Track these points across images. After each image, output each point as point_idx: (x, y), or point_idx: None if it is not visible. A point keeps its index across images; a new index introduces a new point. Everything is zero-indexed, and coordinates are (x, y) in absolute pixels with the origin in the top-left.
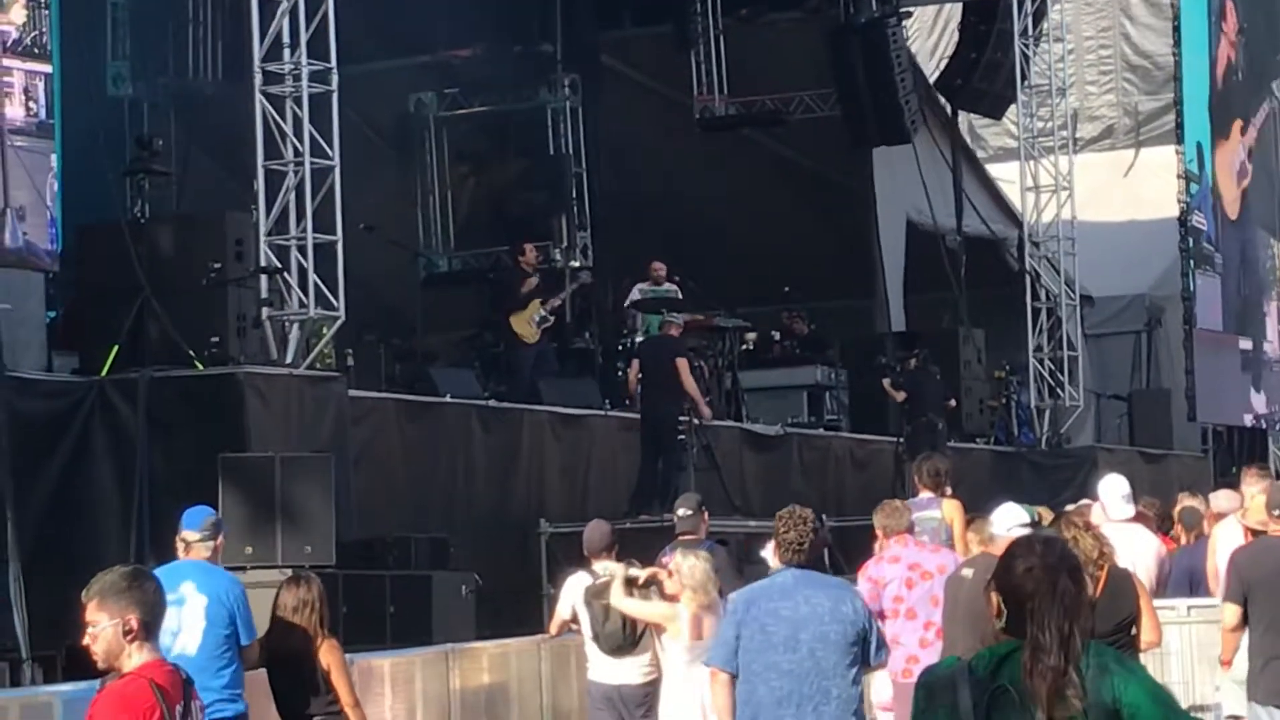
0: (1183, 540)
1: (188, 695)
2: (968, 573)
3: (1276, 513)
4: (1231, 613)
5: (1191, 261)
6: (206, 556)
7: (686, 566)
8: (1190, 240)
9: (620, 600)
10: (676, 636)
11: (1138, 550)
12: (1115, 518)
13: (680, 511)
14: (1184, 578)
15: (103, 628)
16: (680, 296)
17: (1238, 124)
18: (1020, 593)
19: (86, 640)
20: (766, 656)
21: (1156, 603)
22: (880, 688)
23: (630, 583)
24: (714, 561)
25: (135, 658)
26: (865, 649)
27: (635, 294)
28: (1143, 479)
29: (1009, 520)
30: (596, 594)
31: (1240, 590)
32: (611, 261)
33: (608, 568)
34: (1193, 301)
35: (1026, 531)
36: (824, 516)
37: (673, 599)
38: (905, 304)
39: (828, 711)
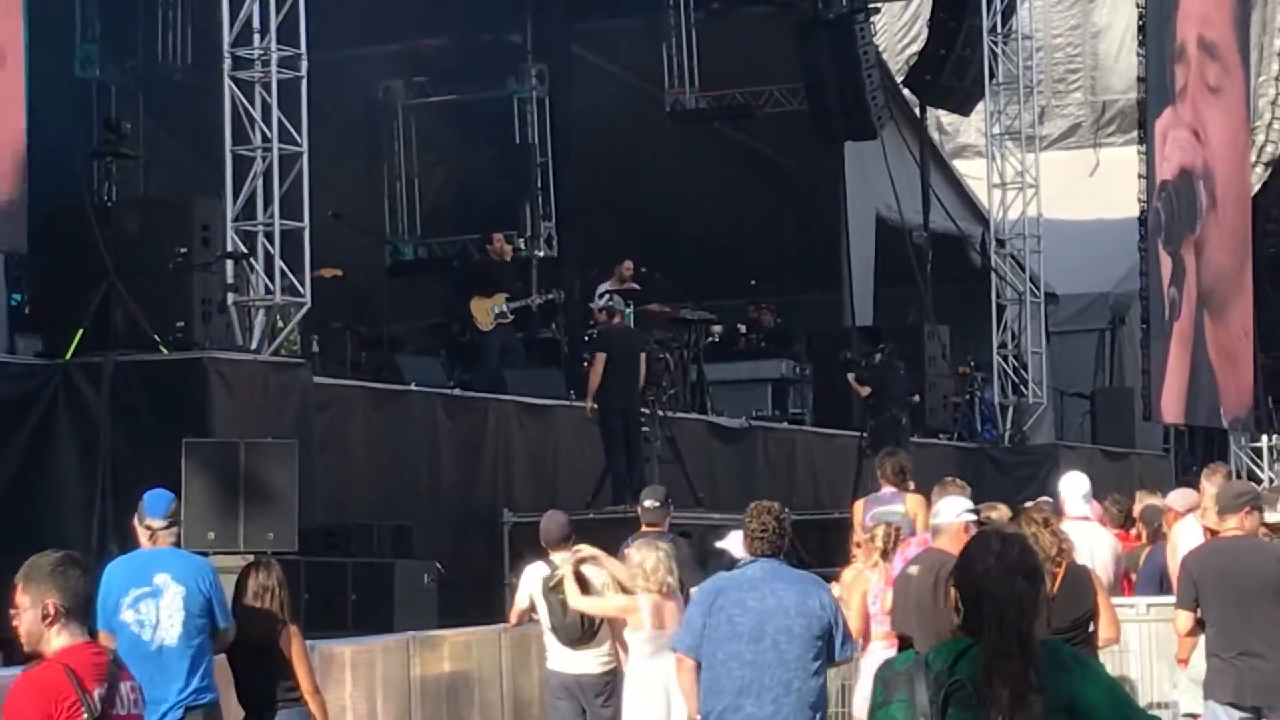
0: (1144, 539)
1: (114, 677)
2: (914, 570)
3: (1226, 514)
4: (1184, 618)
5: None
6: (172, 543)
7: (638, 559)
8: (1149, 239)
9: (577, 600)
10: (638, 628)
11: (1094, 548)
12: (1073, 515)
13: (646, 503)
14: (1155, 575)
15: (25, 611)
16: (631, 297)
17: None
18: (978, 592)
19: (15, 623)
20: (731, 646)
21: (1114, 600)
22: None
23: (580, 579)
24: (676, 553)
25: (55, 641)
26: (830, 645)
27: (598, 296)
28: (1105, 477)
29: (956, 508)
30: (554, 586)
31: (1191, 594)
32: (577, 252)
33: (565, 559)
34: (1148, 300)
35: (972, 518)
36: (786, 510)
37: (630, 591)
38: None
39: (787, 703)
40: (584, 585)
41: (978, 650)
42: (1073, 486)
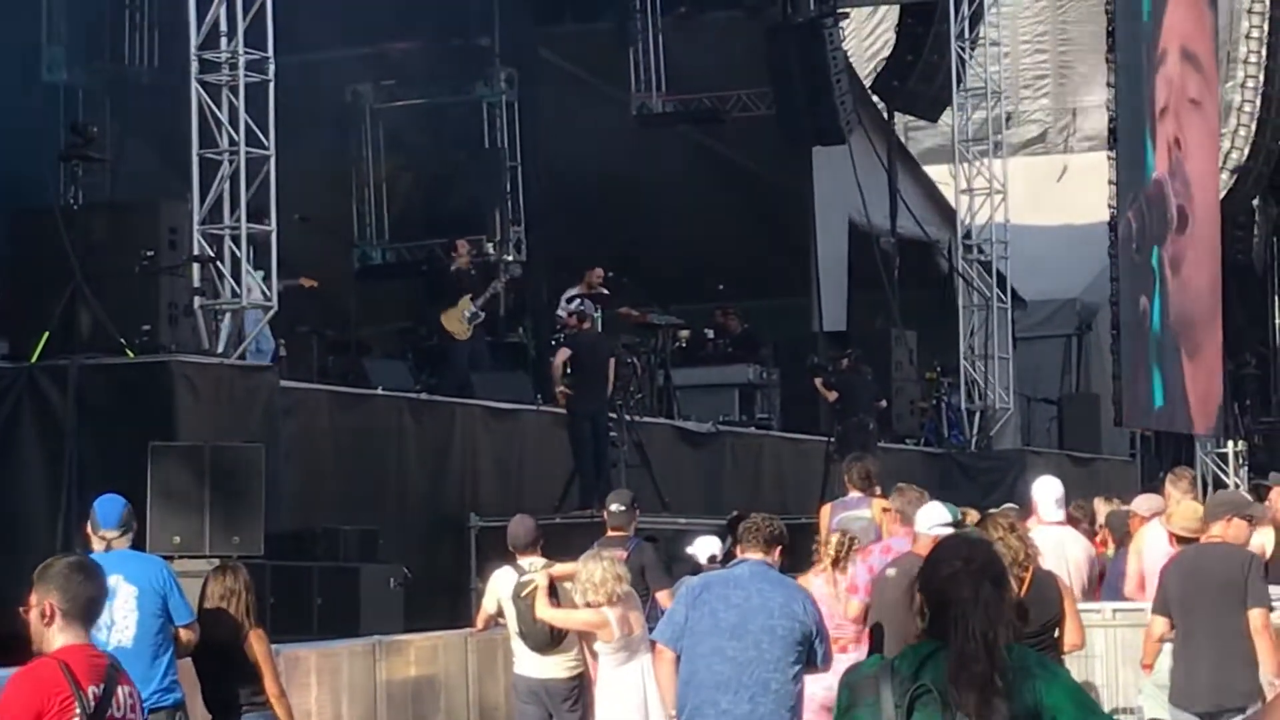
0: (1108, 544)
1: (111, 679)
2: (891, 572)
3: (1210, 521)
4: (1160, 624)
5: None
6: (126, 547)
7: (585, 574)
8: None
9: (547, 613)
10: (610, 639)
11: (1069, 552)
12: (1047, 520)
13: (613, 507)
14: (1116, 583)
15: (31, 610)
16: (599, 302)
17: None
18: (943, 596)
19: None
20: (712, 640)
21: (1081, 606)
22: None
23: (551, 589)
24: (643, 557)
25: (56, 641)
26: (811, 651)
27: (563, 302)
28: (1071, 482)
29: (932, 519)
30: (521, 592)
31: (1165, 601)
32: (546, 256)
33: (533, 563)
34: (1118, 306)
35: (949, 531)
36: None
37: (594, 605)
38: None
39: (764, 703)
40: (553, 595)
41: (943, 655)
42: (1046, 491)
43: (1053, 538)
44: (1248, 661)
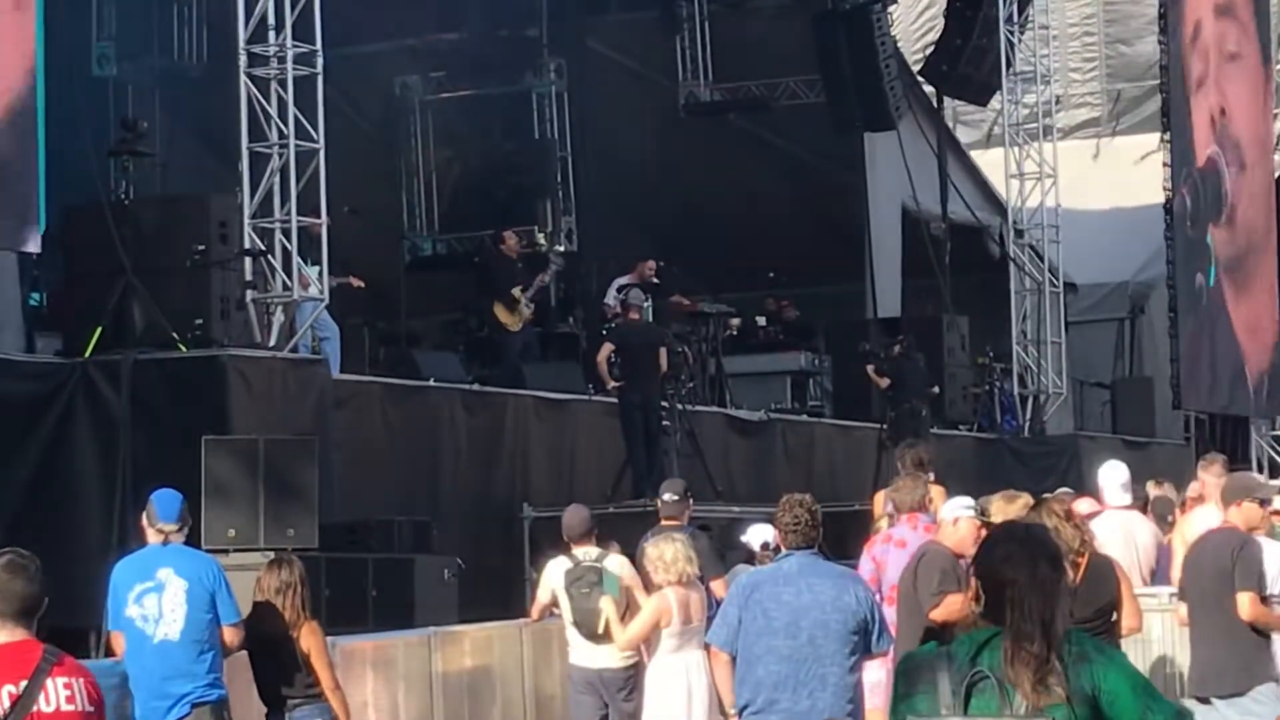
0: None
1: (40, 672)
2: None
3: (1226, 507)
4: (1182, 610)
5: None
6: (181, 542)
7: (655, 553)
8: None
9: (624, 638)
10: (668, 624)
11: (1137, 537)
12: (1113, 504)
13: (666, 496)
14: (1167, 567)
15: None
16: (648, 291)
17: None
18: (1000, 578)
19: None
20: (766, 640)
21: (1142, 590)
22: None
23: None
24: (695, 545)
25: None
26: (866, 638)
27: (613, 291)
28: (1126, 467)
29: (956, 505)
30: (576, 579)
31: (1182, 588)
32: (596, 246)
33: (587, 553)
34: (1175, 288)
35: (966, 514)
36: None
37: (655, 586)
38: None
39: (823, 698)
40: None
41: (1000, 640)
42: (1112, 476)
43: (1119, 523)
44: (1240, 647)
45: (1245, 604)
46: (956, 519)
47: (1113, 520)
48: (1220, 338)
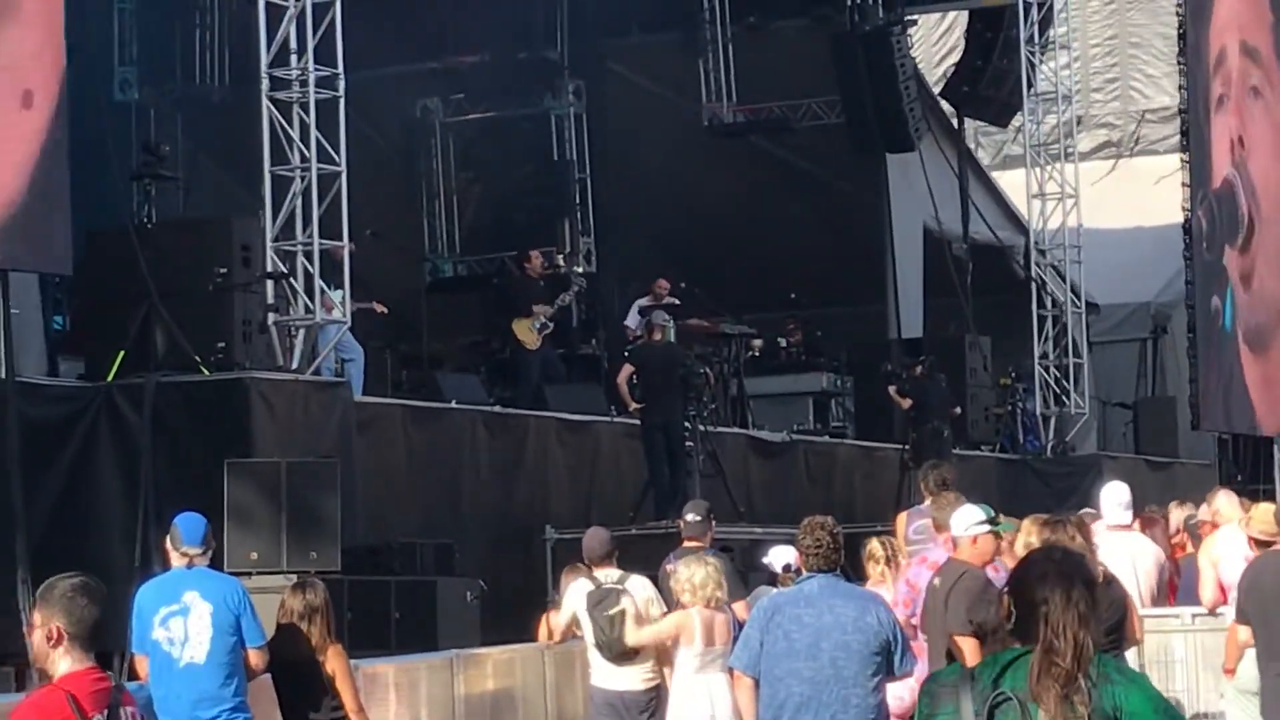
0: (1189, 548)
1: (115, 703)
2: (938, 581)
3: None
4: (1242, 631)
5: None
6: (205, 565)
7: (686, 574)
8: (1194, 247)
9: (636, 637)
10: (689, 643)
11: (1136, 557)
12: (1112, 524)
13: (689, 517)
14: (1193, 588)
15: (35, 630)
16: (670, 312)
17: None
18: (1033, 596)
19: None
20: (788, 663)
21: (1159, 611)
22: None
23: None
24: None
25: (59, 665)
26: (889, 659)
27: (634, 312)
28: (1149, 487)
29: (966, 520)
30: (598, 602)
31: (1242, 608)
32: (617, 267)
33: (609, 575)
34: (1194, 309)
35: (985, 529)
36: (839, 525)
37: (682, 606)
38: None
39: (845, 719)
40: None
41: (1025, 662)
42: (1113, 496)
43: (1119, 543)
44: None
45: None
46: (975, 537)
47: (1113, 540)
48: (1236, 371)
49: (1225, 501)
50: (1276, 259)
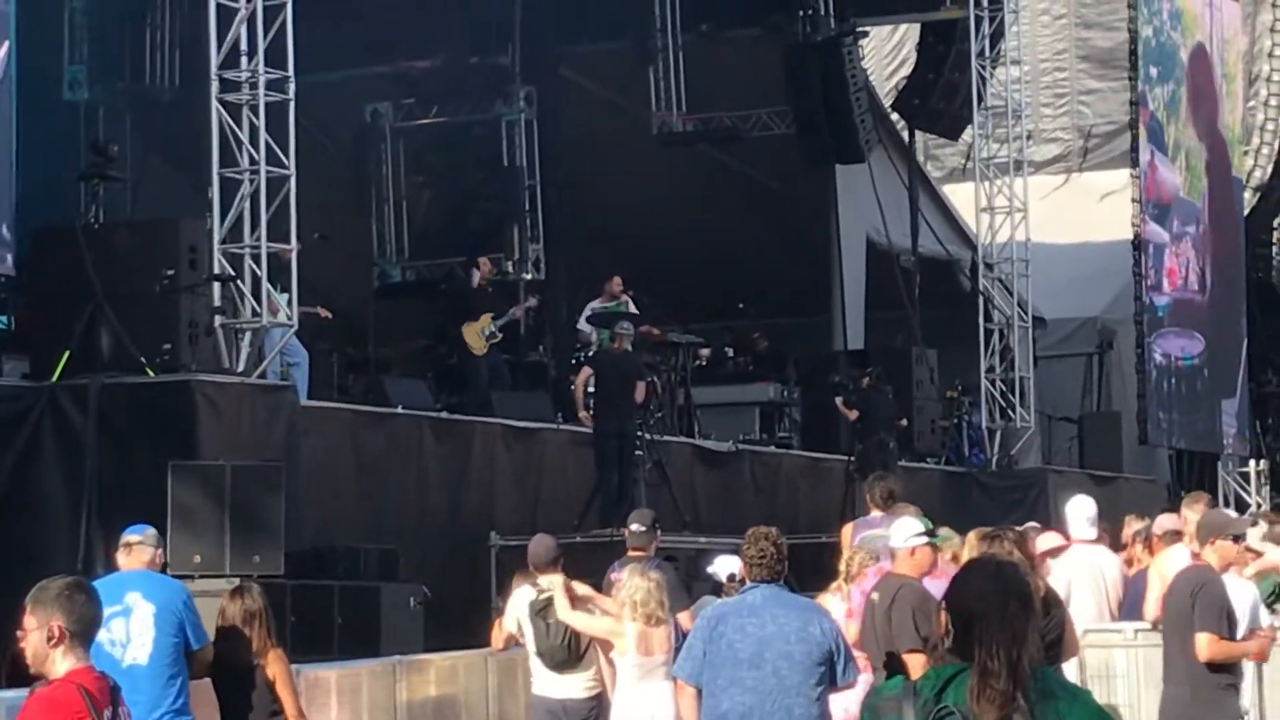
0: (1142, 562)
1: (115, 702)
2: (876, 597)
3: (1201, 545)
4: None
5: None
6: (146, 561)
7: (629, 586)
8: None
9: (566, 614)
10: (623, 654)
11: (1103, 570)
12: (1079, 538)
13: (634, 527)
14: (1138, 603)
15: (31, 633)
16: (633, 310)
17: None
18: (969, 614)
19: (22, 644)
20: (731, 672)
21: (1104, 626)
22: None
23: (572, 596)
24: (663, 577)
25: (61, 664)
26: (832, 670)
27: (588, 312)
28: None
29: (906, 532)
30: (540, 609)
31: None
32: (566, 275)
33: (552, 581)
34: (1142, 324)
35: (924, 541)
36: (783, 535)
37: (616, 616)
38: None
39: None
40: (573, 602)
41: (966, 676)
42: (1079, 510)
43: (1086, 556)
44: (1202, 687)
45: (1203, 645)
46: (914, 549)
47: (1079, 554)
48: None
49: (1196, 515)
50: (1231, 273)
